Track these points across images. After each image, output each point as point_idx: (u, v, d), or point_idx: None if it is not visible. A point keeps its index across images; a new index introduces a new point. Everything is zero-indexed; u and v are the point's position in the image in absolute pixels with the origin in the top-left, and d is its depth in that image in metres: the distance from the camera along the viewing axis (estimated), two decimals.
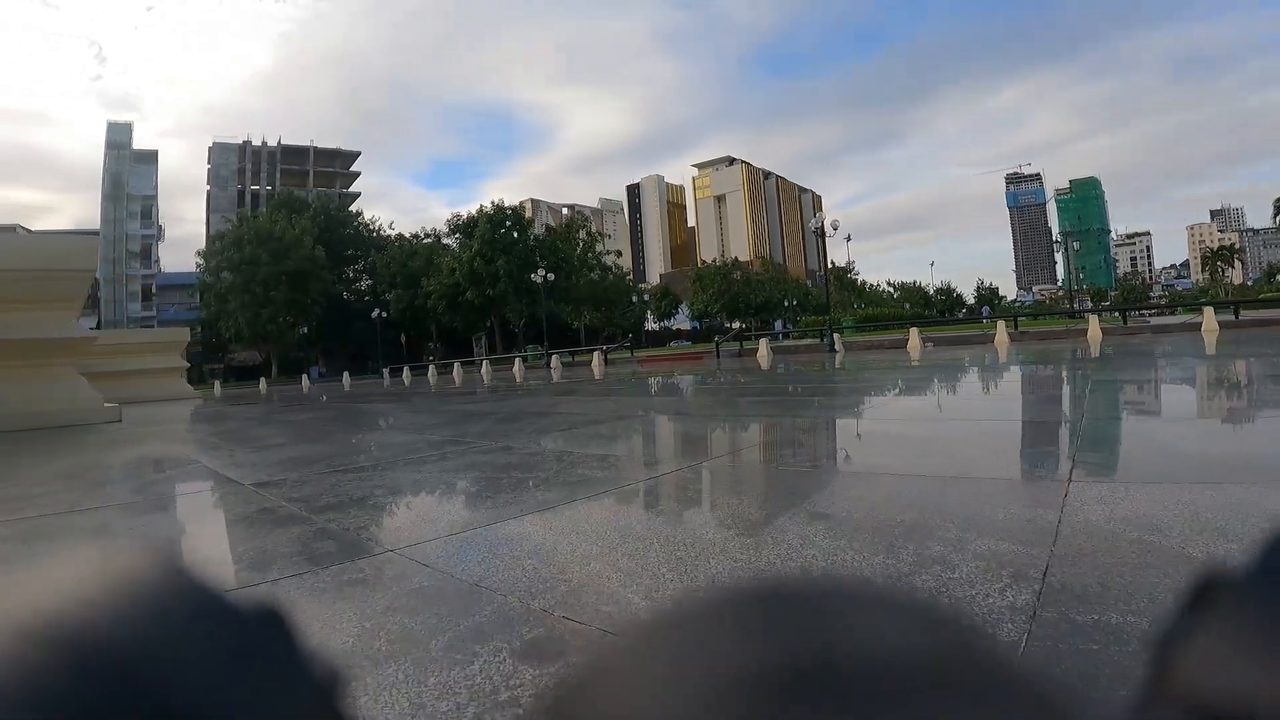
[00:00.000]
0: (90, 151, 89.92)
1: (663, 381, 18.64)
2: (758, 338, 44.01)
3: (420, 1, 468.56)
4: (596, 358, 35.39)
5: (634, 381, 19.14)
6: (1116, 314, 40.88)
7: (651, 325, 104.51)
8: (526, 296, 67.33)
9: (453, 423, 10.38)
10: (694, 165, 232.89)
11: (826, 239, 41.35)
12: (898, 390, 11.43)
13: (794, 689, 0.17)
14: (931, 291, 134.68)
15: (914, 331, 28.23)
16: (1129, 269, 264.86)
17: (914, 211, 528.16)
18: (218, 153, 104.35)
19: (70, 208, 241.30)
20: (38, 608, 0.20)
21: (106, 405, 15.22)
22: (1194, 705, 0.19)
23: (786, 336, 57.62)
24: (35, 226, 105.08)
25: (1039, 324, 46.59)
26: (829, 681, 0.18)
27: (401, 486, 5.49)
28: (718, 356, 37.21)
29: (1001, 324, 28.87)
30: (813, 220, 42.25)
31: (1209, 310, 24.38)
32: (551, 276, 59.34)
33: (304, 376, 45.72)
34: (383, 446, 7.62)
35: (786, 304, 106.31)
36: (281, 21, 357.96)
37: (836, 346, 32.89)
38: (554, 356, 39.76)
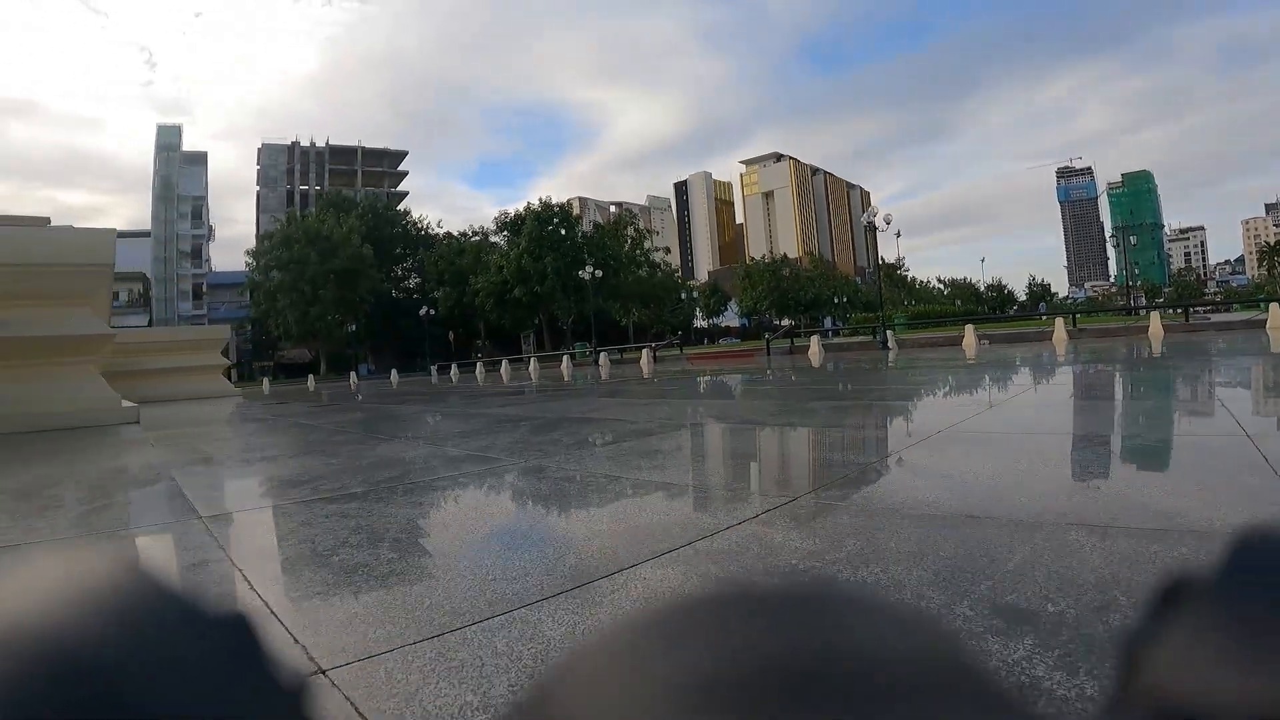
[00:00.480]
0: (142, 155, 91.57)
1: (716, 381, 17.08)
2: (808, 335, 42.85)
3: (462, 3, 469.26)
4: (645, 355, 34.30)
5: (685, 381, 17.64)
6: (1176, 311, 38.84)
7: (700, 323, 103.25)
8: (574, 294, 66.54)
9: (484, 430, 8.97)
10: (741, 162, 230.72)
11: (876, 234, 39.84)
12: (983, 395, 9.81)
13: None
14: (982, 288, 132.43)
15: (969, 329, 26.74)
16: (1182, 265, 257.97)
17: (962, 207, 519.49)
18: (267, 154, 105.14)
19: (123, 209, 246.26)
20: None
21: (125, 405, 14.20)
22: (1166, 707, 0.19)
23: (836, 334, 56.17)
24: (92, 228, 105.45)
25: (1095, 320, 44.53)
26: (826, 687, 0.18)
27: (384, 530, 3.82)
28: (768, 354, 36.12)
29: (1060, 321, 27.29)
30: (865, 214, 40.68)
31: (1275, 307, 22.58)
32: (599, 273, 58.31)
33: (352, 374, 45.26)
34: (392, 463, 6.26)
35: (836, 301, 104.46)
36: (327, 25, 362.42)
37: (890, 344, 31.58)
38: (602, 354, 38.82)
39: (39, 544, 4.01)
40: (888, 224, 40.07)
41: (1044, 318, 51.87)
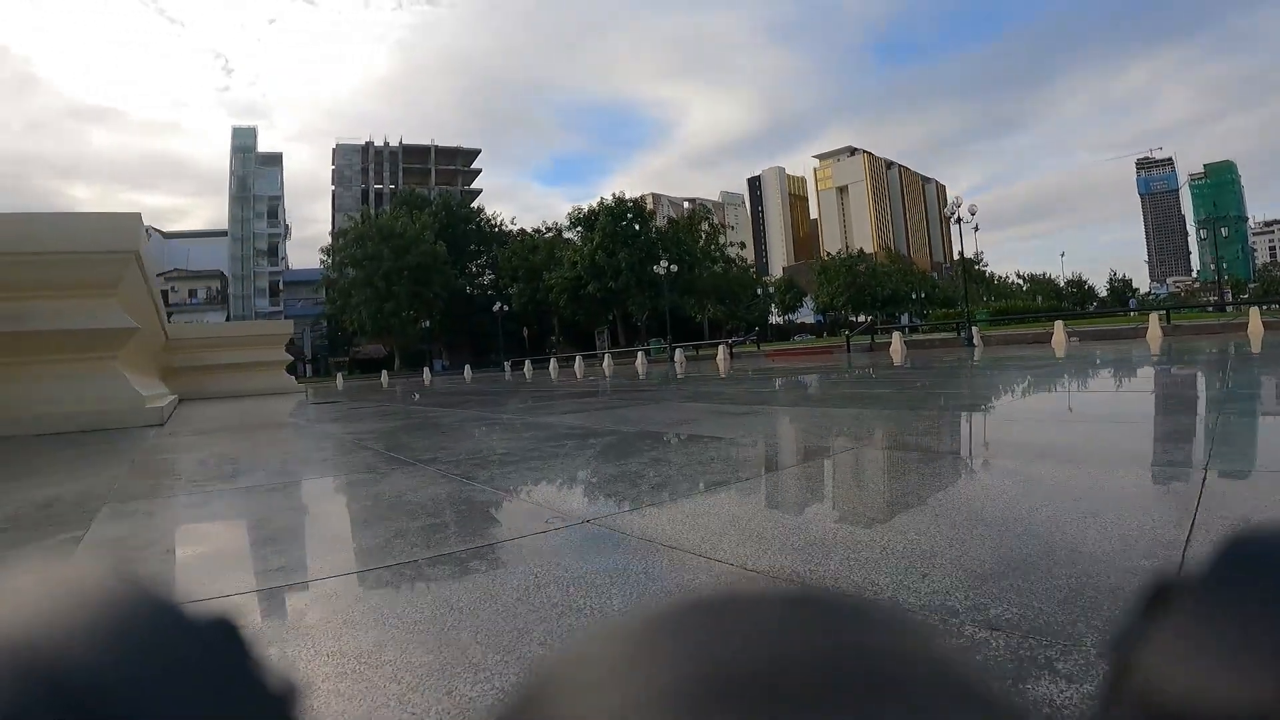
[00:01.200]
0: (220, 157, 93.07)
1: (806, 382, 14.97)
2: (884, 331, 41.39)
3: (530, 3, 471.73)
4: (721, 352, 33.01)
5: (772, 381, 15.66)
6: (1272, 307, 36.07)
7: (775, 319, 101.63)
8: (649, 289, 65.31)
9: (540, 450, 6.43)
10: (815, 156, 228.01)
11: (961, 227, 38.06)
12: (1127, 399, 8.14)
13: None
14: (1062, 284, 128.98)
15: (1059, 325, 25.05)
16: (1268, 258, 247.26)
17: (1039, 201, 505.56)
18: (341, 154, 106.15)
19: (202, 211, 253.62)
20: None
21: (149, 406, 12.57)
22: (1154, 708, 0.20)
23: (915, 330, 54.24)
24: (169, 228, 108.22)
25: (1187, 317, 41.84)
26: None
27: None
28: (849, 351, 34.68)
29: (1154, 317, 25.27)
30: (949, 205, 38.96)
31: None
32: (675, 268, 57.03)
33: (426, 370, 44.67)
34: (374, 518, 4.03)
35: (914, 297, 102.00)
36: (398, 28, 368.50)
37: (975, 341, 29.95)
38: (677, 351, 37.63)
39: None
40: (973, 214, 38.42)
41: (1133, 314, 49.93)
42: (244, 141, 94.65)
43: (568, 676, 0.20)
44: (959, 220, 38.08)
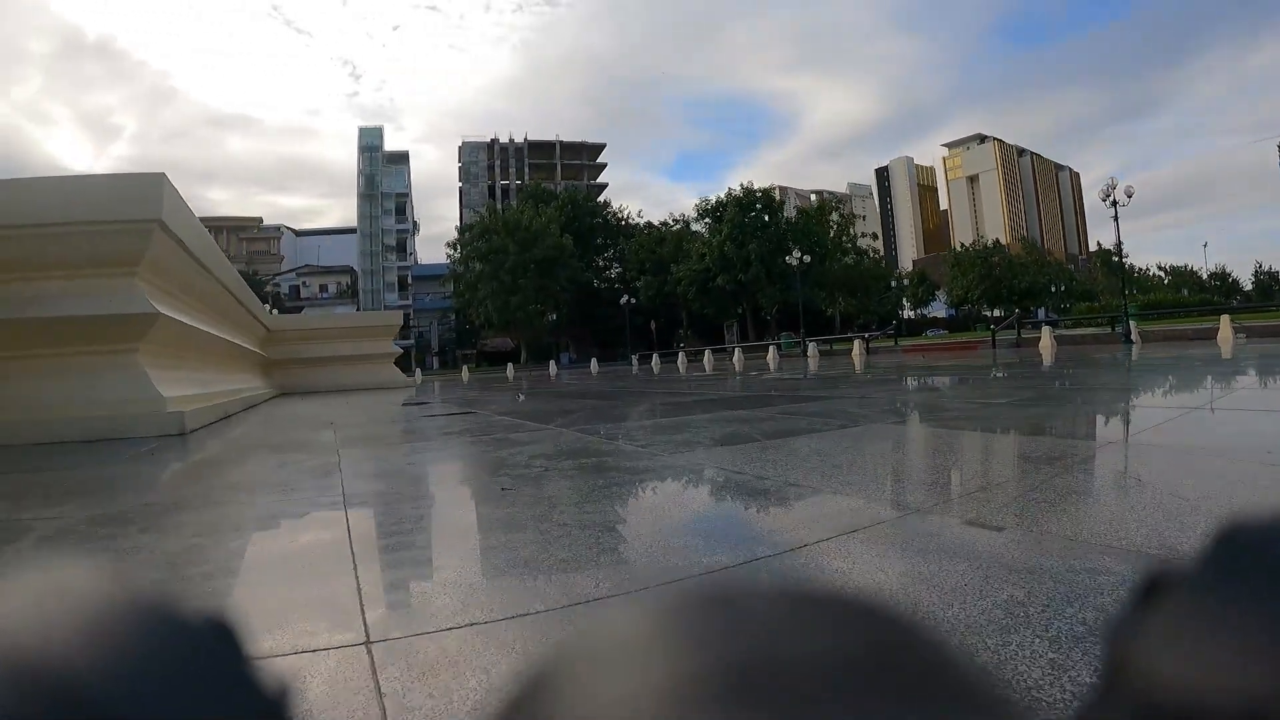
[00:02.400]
0: (350, 159, 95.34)
1: (965, 381, 12.29)
2: (1028, 325, 39.12)
3: (648, 1, 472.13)
4: (857, 346, 31.26)
5: (933, 381, 13.16)
6: None
7: (906, 313, 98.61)
8: (779, 282, 63.77)
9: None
10: (943, 145, 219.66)
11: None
12: None
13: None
14: (1205, 276, 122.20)
15: (1225, 320, 22.67)
16: None
17: (1174, 188, 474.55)
18: (467, 151, 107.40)
19: (336, 210, 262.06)
20: None
21: (169, 411, 9.64)
22: (1148, 702, 0.20)
23: (1055, 325, 51.34)
24: (303, 227, 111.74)
25: None
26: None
27: None
28: (994, 347, 32.51)
29: None
30: (1101, 187, 36.45)
31: None
32: (808, 259, 55.33)
33: (552, 363, 44.28)
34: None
35: (1052, 290, 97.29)
36: (520, 29, 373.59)
37: (1134, 336, 27.24)
38: (811, 345, 36.09)
39: None
40: (1129, 197, 36.14)
41: None
42: (371, 141, 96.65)
43: (571, 669, 0.20)
44: (1115, 203, 35.72)
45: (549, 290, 69.51)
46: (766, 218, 67.91)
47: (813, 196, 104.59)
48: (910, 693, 0.18)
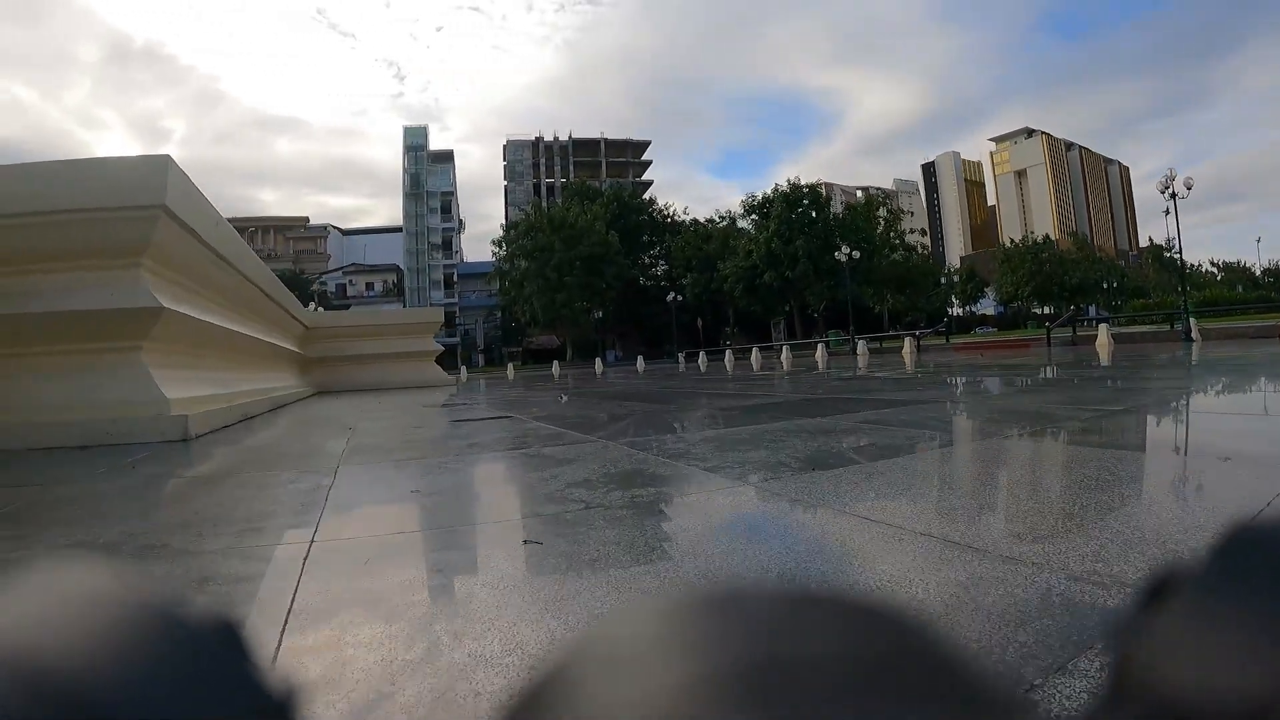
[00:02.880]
0: (395, 159, 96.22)
1: (1047, 383, 10.94)
2: (1081, 322, 37.88)
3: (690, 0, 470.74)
4: (908, 344, 30.12)
5: (993, 379, 12.38)
6: None
7: (954, 310, 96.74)
8: (827, 278, 62.69)
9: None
10: (990, 139, 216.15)
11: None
12: None
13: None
14: (1259, 272, 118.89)
15: None
16: None
17: (1226, 181, 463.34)
18: (512, 150, 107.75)
19: (382, 210, 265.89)
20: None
21: (173, 414, 8.73)
22: (1156, 702, 0.19)
23: (1108, 323, 49.58)
24: (349, 226, 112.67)
25: None
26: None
27: None
28: (1049, 345, 31.27)
29: None
30: (1160, 179, 35.31)
31: None
32: (857, 254, 54.12)
33: (598, 360, 43.62)
34: None
35: (1105, 286, 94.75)
36: (562, 29, 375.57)
37: (1194, 334, 26.13)
38: (860, 343, 34.99)
39: None
40: (1189, 190, 34.91)
41: None
42: (415, 140, 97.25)
43: (586, 665, 0.20)
44: (1174, 195, 34.53)
45: (594, 287, 69.33)
46: (814, 214, 66.89)
47: (859, 193, 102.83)
48: (916, 696, 0.18)
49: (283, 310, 19.35)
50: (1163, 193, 35.08)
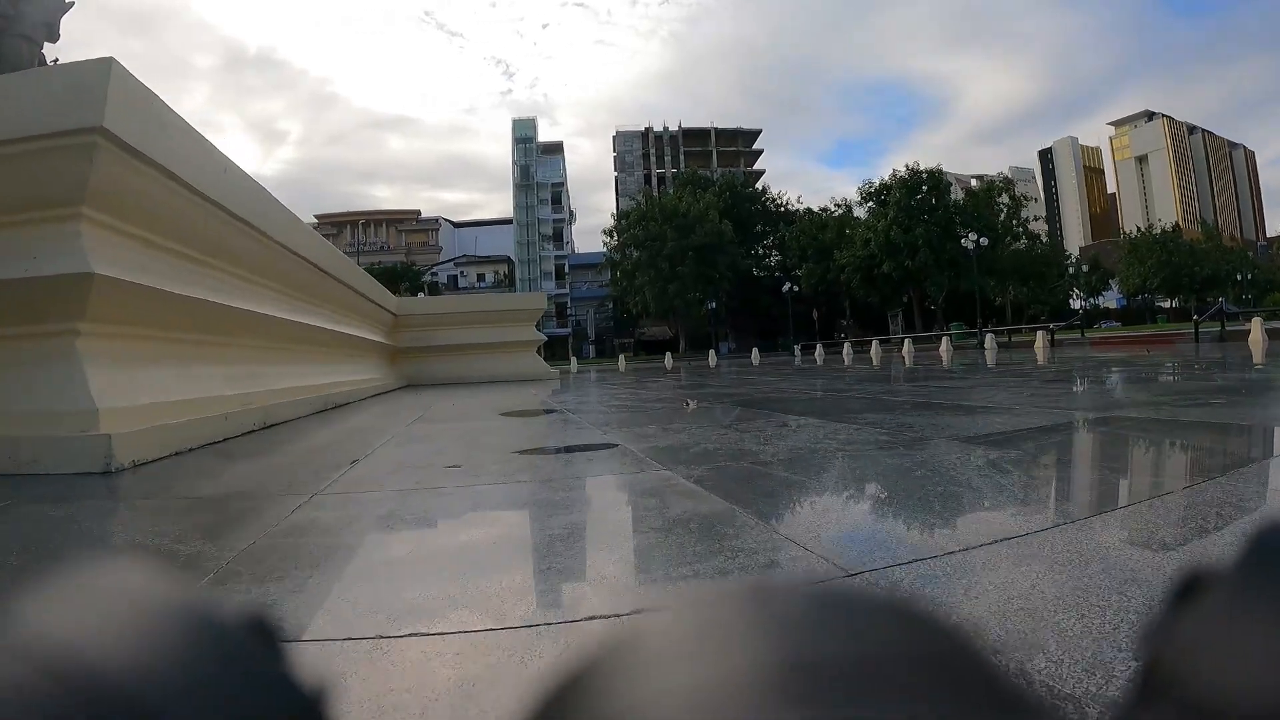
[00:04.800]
0: (506, 154, 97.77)
1: (1260, 385, 9.19)
2: (1222, 315, 36.18)
3: None
4: (1040, 338, 29.04)
5: (1190, 379, 10.75)
6: None
7: (1075, 303, 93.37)
8: (949, 268, 61.05)
9: None
10: (1109, 124, 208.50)
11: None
12: None
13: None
14: None
15: None
16: None
17: None
18: (621, 141, 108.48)
19: (495, 204, 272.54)
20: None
21: (97, 435, 5.72)
22: (1184, 704, 0.19)
23: (1235, 318, 46.74)
24: (462, 219, 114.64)
25: None
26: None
27: None
28: (1197, 340, 29.56)
29: None
30: None
31: None
32: (985, 241, 52.52)
33: (711, 352, 43.19)
34: None
35: (1237, 278, 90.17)
36: (668, 21, 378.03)
37: None
38: (988, 336, 33.96)
39: None
40: None
41: None
42: (524, 133, 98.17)
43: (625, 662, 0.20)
44: None
45: (708, 278, 68.93)
46: (934, 200, 65.01)
47: (973, 181, 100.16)
48: (940, 695, 0.18)
49: (352, 291, 16.49)
50: None
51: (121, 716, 0.18)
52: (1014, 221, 70.80)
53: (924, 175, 66.78)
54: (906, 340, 35.13)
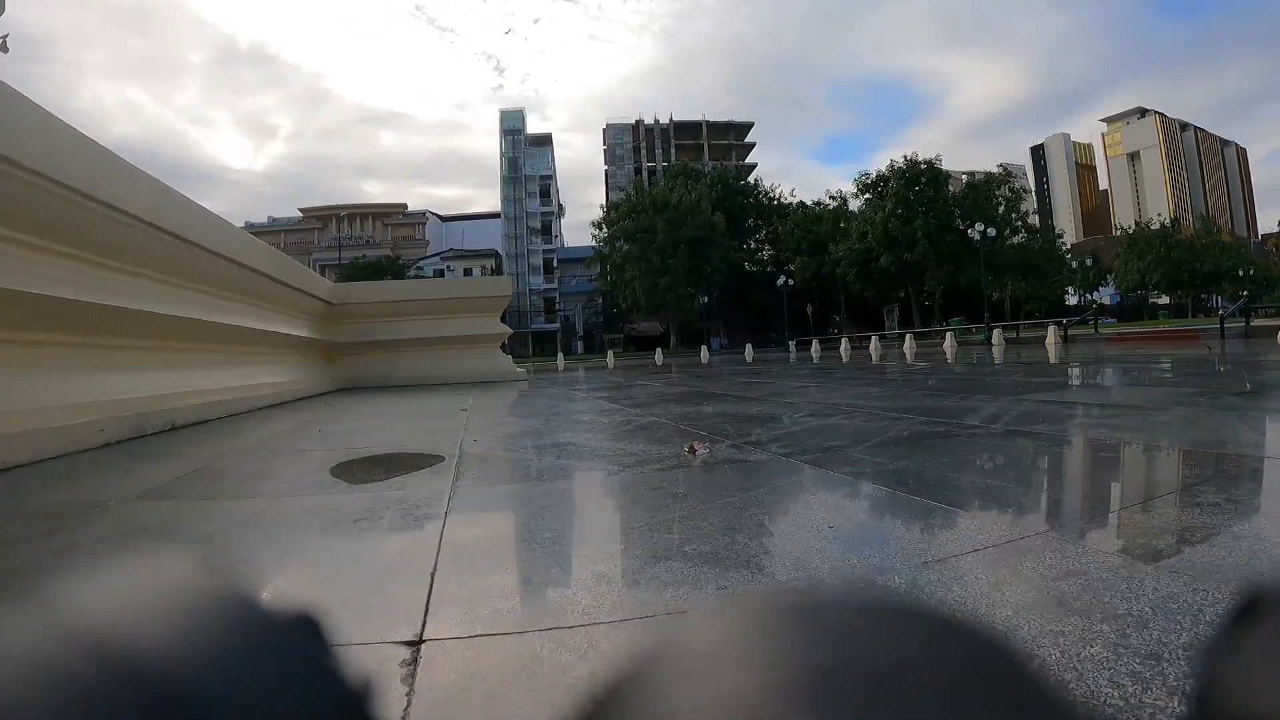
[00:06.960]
0: (496, 149, 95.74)
1: None
2: (1246, 311, 34.86)
3: None
4: (1052, 333, 27.11)
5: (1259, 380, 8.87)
6: None
7: (1071, 299, 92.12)
8: (948, 262, 59.31)
9: None
10: (1101, 120, 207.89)
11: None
12: None
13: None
14: None
15: None
16: None
17: None
18: (612, 133, 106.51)
19: (486, 199, 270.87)
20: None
21: None
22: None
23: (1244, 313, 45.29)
24: (449, 214, 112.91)
25: None
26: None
27: None
28: (1223, 336, 27.93)
29: None
30: None
31: None
32: (992, 231, 50.81)
33: (703, 348, 41.33)
34: None
35: (1241, 274, 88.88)
36: (660, 18, 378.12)
37: None
38: (995, 331, 32.22)
39: None
40: None
41: None
42: (512, 124, 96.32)
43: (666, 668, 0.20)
44: None
45: (699, 271, 66.97)
46: (933, 191, 63.09)
47: (964, 177, 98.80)
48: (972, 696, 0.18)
49: (252, 272, 12.58)
50: None
51: (168, 712, 0.18)
52: (1013, 215, 69.28)
53: (923, 166, 64.89)
54: (907, 336, 33.43)
